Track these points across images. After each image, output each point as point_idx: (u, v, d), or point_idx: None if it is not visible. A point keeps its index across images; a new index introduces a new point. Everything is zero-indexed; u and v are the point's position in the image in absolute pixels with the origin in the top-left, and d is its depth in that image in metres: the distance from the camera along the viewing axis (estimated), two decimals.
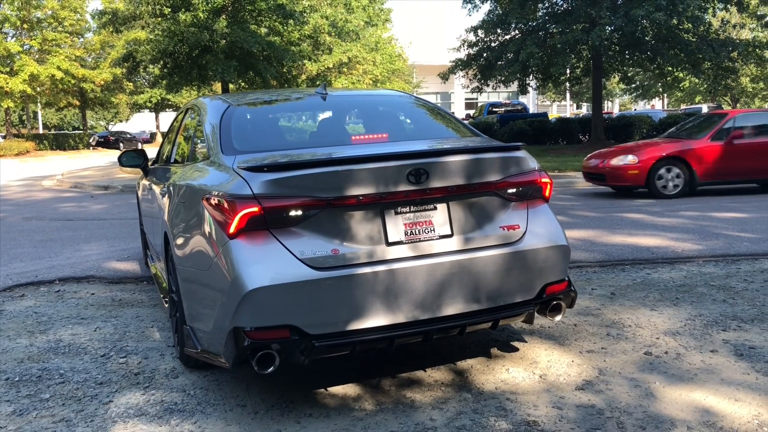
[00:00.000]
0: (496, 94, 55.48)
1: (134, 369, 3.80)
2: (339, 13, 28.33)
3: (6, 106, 38.06)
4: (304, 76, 28.93)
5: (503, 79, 22.38)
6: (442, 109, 4.57)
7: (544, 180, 3.47)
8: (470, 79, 24.24)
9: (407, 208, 3.11)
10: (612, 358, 3.70)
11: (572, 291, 3.49)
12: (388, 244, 3.04)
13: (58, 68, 38.36)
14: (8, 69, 37.41)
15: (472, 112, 41.72)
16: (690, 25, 20.13)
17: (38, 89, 39.81)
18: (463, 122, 4.27)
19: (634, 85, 49.78)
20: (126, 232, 8.90)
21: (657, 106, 62.97)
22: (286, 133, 4.33)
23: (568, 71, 23.79)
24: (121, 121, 69.05)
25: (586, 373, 3.51)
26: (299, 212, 2.94)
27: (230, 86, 23.20)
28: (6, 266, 6.82)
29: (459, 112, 61.23)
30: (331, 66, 29.87)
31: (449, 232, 3.16)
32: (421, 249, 3.10)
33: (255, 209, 2.90)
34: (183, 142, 4.76)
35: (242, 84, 24.02)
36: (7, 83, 36.03)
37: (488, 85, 23.81)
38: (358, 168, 2.98)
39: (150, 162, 5.72)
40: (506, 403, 3.17)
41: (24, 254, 7.50)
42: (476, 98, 54.00)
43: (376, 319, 2.98)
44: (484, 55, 23.08)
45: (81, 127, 55.69)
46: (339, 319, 2.94)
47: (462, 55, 23.73)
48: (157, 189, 4.71)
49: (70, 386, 3.57)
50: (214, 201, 3.08)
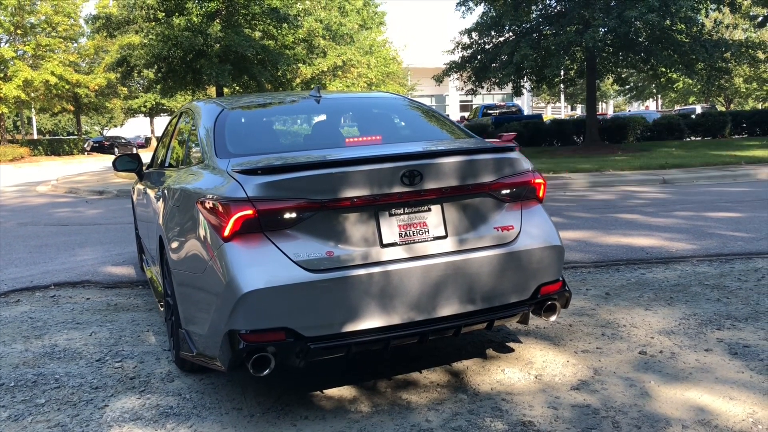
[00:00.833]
0: (490, 96, 55.56)
1: (130, 373, 3.79)
2: (333, 17, 28.38)
3: (0, 112, 37.95)
4: (298, 80, 28.94)
5: (497, 81, 22.40)
6: (436, 111, 4.59)
7: (537, 181, 3.47)
8: (464, 82, 24.26)
9: (401, 210, 3.11)
10: (607, 357, 3.71)
11: (567, 291, 3.50)
12: (383, 245, 3.05)
13: (52, 73, 38.28)
14: (2, 75, 37.35)
15: (466, 114, 41.80)
16: (683, 26, 20.20)
17: (32, 95, 39.70)
18: (457, 124, 4.30)
19: (628, 87, 49.96)
20: (121, 236, 8.88)
21: (651, 107, 63.17)
22: (280, 136, 4.33)
23: (562, 73, 23.82)
24: (115, 126, 68.96)
25: (581, 373, 3.52)
26: (294, 215, 2.93)
27: (225, 90, 23.19)
28: (1, 272, 6.80)
29: (454, 114, 61.32)
30: (325, 69, 29.90)
31: (443, 234, 3.17)
32: (416, 250, 3.10)
33: (249, 212, 2.90)
34: (177, 146, 4.75)
35: (237, 88, 23.99)
36: (1, 89, 35.96)
37: (483, 87, 23.83)
38: (351, 170, 2.98)
39: (145, 166, 5.70)
40: (502, 404, 3.18)
41: (19, 259, 7.48)
42: (471, 100, 54.05)
43: (371, 321, 2.98)
44: (479, 57, 23.11)
45: (75, 133, 55.51)
46: (334, 321, 2.94)
47: (456, 57, 23.76)
48: (151, 193, 4.71)
49: (65, 391, 3.56)
50: (208, 204, 3.08)
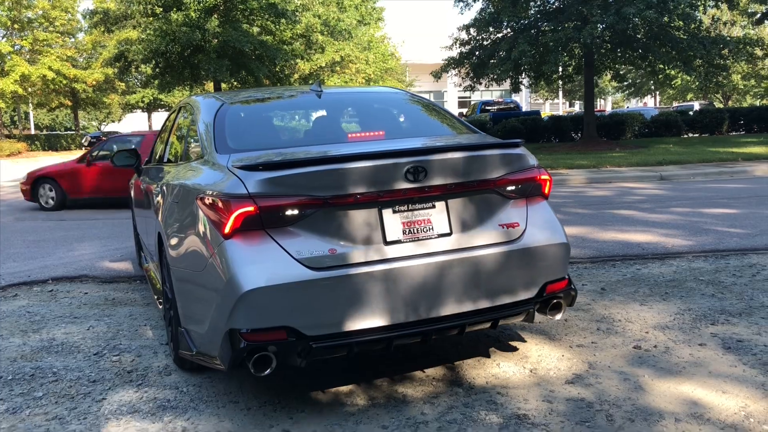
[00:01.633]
0: (489, 93, 55.57)
1: (127, 367, 3.81)
2: (331, 12, 28.34)
3: None
4: (296, 75, 28.92)
5: (496, 77, 22.40)
6: (438, 106, 4.52)
7: (543, 177, 3.42)
8: (463, 78, 24.27)
9: (405, 207, 3.06)
10: (602, 352, 3.74)
11: (572, 289, 3.46)
12: (387, 243, 3.00)
13: (50, 68, 38.25)
14: None
15: (465, 110, 41.79)
16: (681, 22, 20.20)
17: (29, 90, 39.67)
18: (460, 119, 4.24)
19: (626, 83, 49.99)
20: (118, 231, 8.89)
21: (649, 104, 63.20)
22: (280, 131, 4.27)
23: (560, 69, 23.86)
24: (113, 121, 68.81)
25: (576, 367, 3.54)
26: (295, 211, 2.89)
27: (222, 85, 23.18)
28: None
29: (452, 110, 61.30)
30: (323, 65, 29.89)
31: (448, 231, 3.12)
32: (420, 248, 3.05)
33: (250, 209, 2.85)
34: (176, 141, 4.68)
35: (234, 83, 24.00)
36: None
37: (481, 84, 23.85)
38: (355, 166, 2.93)
39: (143, 162, 5.66)
40: (497, 397, 3.20)
41: (17, 254, 7.49)
42: (469, 97, 54.13)
43: (374, 320, 2.94)
44: (477, 53, 23.11)
45: (73, 128, 55.46)
46: (337, 320, 2.90)
47: (454, 53, 23.76)
48: (150, 189, 4.65)
49: (63, 384, 3.58)
50: (208, 200, 3.04)
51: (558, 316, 3.43)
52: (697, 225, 7.54)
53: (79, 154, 19.58)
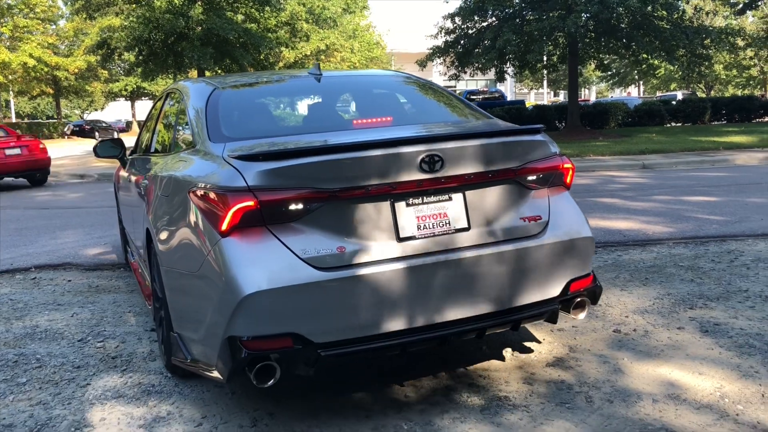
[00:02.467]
0: (474, 82, 55.66)
1: (112, 353, 3.82)
2: (316, 0, 28.16)
3: None
4: (281, 64, 28.79)
5: (480, 66, 22.45)
6: (447, 90, 4.27)
7: (566, 165, 3.19)
8: (448, 67, 24.29)
9: (420, 199, 2.83)
10: (582, 336, 3.80)
11: (597, 286, 3.25)
12: (400, 239, 2.77)
13: (31, 56, 37.78)
14: None
15: None
16: (664, 12, 20.34)
17: (10, 77, 39.17)
18: (471, 104, 3.99)
19: (610, 73, 50.22)
20: (102, 219, 8.85)
21: (633, 94, 63.58)
22: (279, 117, 4.02)
23: (544, 58, 23.93)
24: (96, 109, 68.21)
25: (556, 350, 3.60)
26: (300, 206, 2.65)
27: (206, 74, 23.02)
28: None
29: None
30: (308, 53, 29.76)
31: (466, 225, 2.89)
32: (436, 244, 2.82)
33: (250, 203, 2.61)
34: (163, 129, 4.41)
35: (218, 72, 23.85)
36: None
37: (466, 73, 23.88)
38: (365, 155, 2.69)
39: (128, 152, 5.39)
40: (479, 380, 3.25)
41: None
42: (454, 86, 54.08)
43: (387, 324, 2.72)
44: (462, 42, 23.13)
45: (55, 116, 54.88)
46: (347, 324, 2.68)
47: (439, 42, 23.76)
48: (136, 181, 4.39)
49: (47, 370, 3.58)
50: (202, 194, 2.80)
51: (581, 316, 3.19)
52: (678, 212, 7.63)
53: (62, 142, 19.32)
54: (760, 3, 26.35)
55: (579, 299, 3.14)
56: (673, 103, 28.47)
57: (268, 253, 2.62)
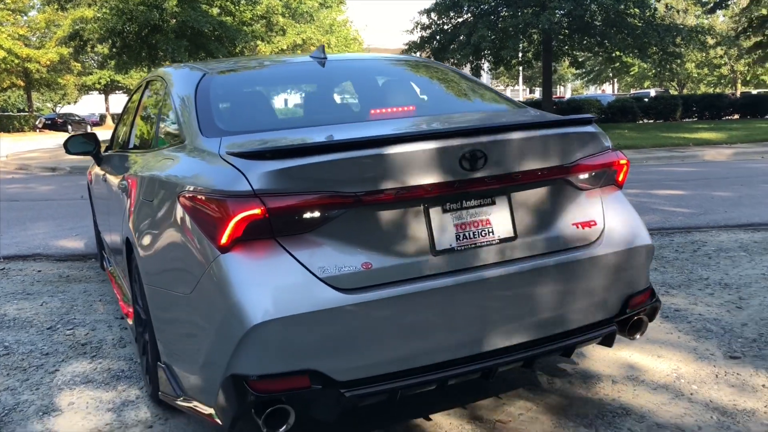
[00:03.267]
0: None
1: (81, 340, 3.83)
2: None
3: None
4: None
5: (456, 62, 22.59)
6: (469, 76, 3.81)
7: (622, 161, 2.75)
8: None
9: (458, 204, 2.36)
10: None
11: (657, 301, 2.81)
12: (436, 253, 2.30)
13: (1, 47, 37.12)
14: None
15: None
16: (637, 9, 20.65)
17: None
18: (499, 92, 3.56)
19: (585, 70, 50.75)
20: (73, 212, 8.78)
21: (608, 91, 64.31)
22: (282, 108, 3.63)
23: (519, 55, 24.14)
24: (69, 103, 67.24)
25: None
26: (317, 213, 2.17)
27: None
28: None
29: None
30: (285, 48, 29.65)
31: (512, 234, 2.43)
32: (478, 258, 2.37)
33: (257, 211, 2.13)
34: (143, 123, 3.91)
35: None
36: None
37: None
38: (396, 151, 2.22)
39: (103, 148, 4.87)
40: None
41: None
42: None
43: (423, 356, 2.28)
44: (437, 37, 23.26)
45: (26, 109, 54.02)
46: (375, 358, 2.21)
47: (415, 37, 23.87)
48: (113, 182, 3.86)
49: (14, 357, 3.59)
50: (195, 199, 2.30)
51: (638, 336, 2.75)
52: (646, 205, 7.79)
53: (33, 136, 19.07)
54: (730, 2, 26.82)
55: (636, 318, 2.69)
56: (646, 100, 28.91)
57: (280, 271, 2.15)
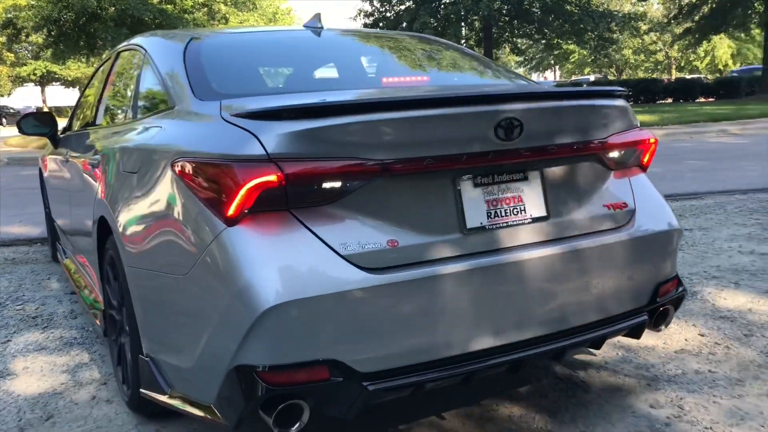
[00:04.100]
0: None
1: (32, 314, 3.94)
2: None
3: None
4: None
5: None
6: (473, 52, 3.66)
7: (651, 140, 2.57)
8: None
9: (490, 178, 2.16)
10: None
11: (684, 290, 2.64)
12: (466, 231, 2.10)
13: None
14: None
15: None
16: None
17: None
18: (505, 67, 3.47)
19: (527, 58, 51.78)
20: (15, 201, 8.72)
21: (549, 78, 65.71)
22: (283, 73, 3.21)
23: (462, 42, 24.57)
24: (1, 95, 64.94)
25: None
26: (338, 183, 1.94)
27: None
28: None
29: None
30: None
31: (545, 213, 2.25)
32: (511, 238, 2.17)
33: (272, 177, 1.88)
34: (116, 96, 3.60)
35: None
36: None
37: None
38: (429, 115, 2.01)
39: (61, 131, 4.55)
40: None
41: None
42: None
43: (454, 345, 2.06)
44: (380, 25, 23.48)
45: None
46: (401, 348, 1.98)
47: (359, 24, 24.02)
48: (79, 162, 3.55)
49: None
50: (194, 166, 2.04)
51: (663, 328, 2.59)
52: None
53: None
54: None
55: (663, 308, 2.52)
56: (584, 85, 29.76)
57: (297, 248, 1.91)
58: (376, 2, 23.27)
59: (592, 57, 33.25)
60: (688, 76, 43.58)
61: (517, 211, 2.20)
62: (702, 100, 28.14)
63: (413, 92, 2.59)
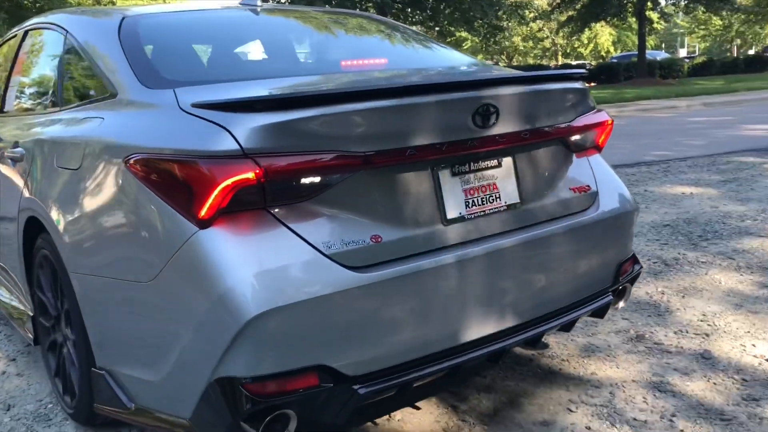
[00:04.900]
0: None
1: None
2: None
3: None
4: None
5: None
6: (414, 30, 3.56)
7: (609, 122, 2.58)
8: None
9: (466, 166, 2.11)
10: None
11: (640, 267, 2.68)
12: (446, 222, 2.04)
13: None
14: None
15: None
16: None
17: None
18: (451, 47, 3.37)
19: None
20: None
21: None
22: (232, 58, 2.86)
23: None
24: None
25: None
26: (318, 178, 1.83)
27: None
28: None
29: None
30: None
31: (517, 200, 2.22)
32: (488, 227, 2.13)
33: (249, 175, 1.74)
34: (29, 81, 3.32)
35: None
36: None
37: None
38: (412, 102, 1.94)
39: None
40: None
41: None
42: None
43: (442, 340, 2.02)
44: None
45: None
46: (389, 347, 1.92)
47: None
48: None
49: None
50: (157, 165, 1.87)
51: (621, 304, 2.61)
52: None
53: None
54: None
55: (622, 286, 2.56)
56: None
57: (279, 249, 1.79)
58: None
59: (482, 44, 34.46)
60: (574, 62, 45.87)
61: (493, 199, 2.16)
62: (586, 85, 29.77)
63: (381, 76, 2.57)
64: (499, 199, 2.16)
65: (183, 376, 1.87)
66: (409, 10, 23.04)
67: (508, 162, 2.21)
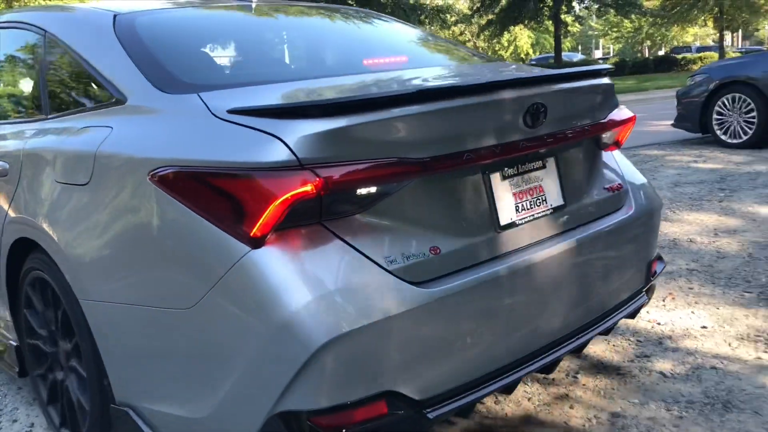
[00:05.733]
0: None
1: None
2: None
3: None
4: None
5: None
6: (422, 30, 3.52)
7: (634, 118, 2.51)
8: None
9: (515, 169, 2.01)
10: None
11: (664, 264, 2.63)
12: (499, 228, 1.94)
13: None
14: None
15: None
16: None
17: None
18: (459, 43, 3.30)
19: None
20: None
21: None
22: (250, 59, 2.64)
23: None
24: None
25: None
26: (374, 188, 1.69)
27: None
28: None
29: None
30: None
31: (562, 202, 2.14)
32: (537, 232, 2.04)
33: (308, 187, 1.58)
34: (1, 86, 3.04)
35: None
36: None
37: None
38: (468, 104, 1.82)
39: None
40: None
41: None
42: None
43: (507, 354, 1.92)
44: None
45: None
46: (456, 365, 1.81)
47: None
48: None
49: None
50: (195, 178, 1.67)
51: (647, 302, 2.54)
52: None
53: None
54: None
55: (650, 285, 2.49)
56: None
57: (340, 267, 1.64)
58: None
59: None
60: None
61: (540, 202, 2.07)
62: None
63: (429, 75, 2.40)
64: (545, 202, 2.08)
65: (236, 412, 1.69)
66: None
67: (551, 162, 2.13)
